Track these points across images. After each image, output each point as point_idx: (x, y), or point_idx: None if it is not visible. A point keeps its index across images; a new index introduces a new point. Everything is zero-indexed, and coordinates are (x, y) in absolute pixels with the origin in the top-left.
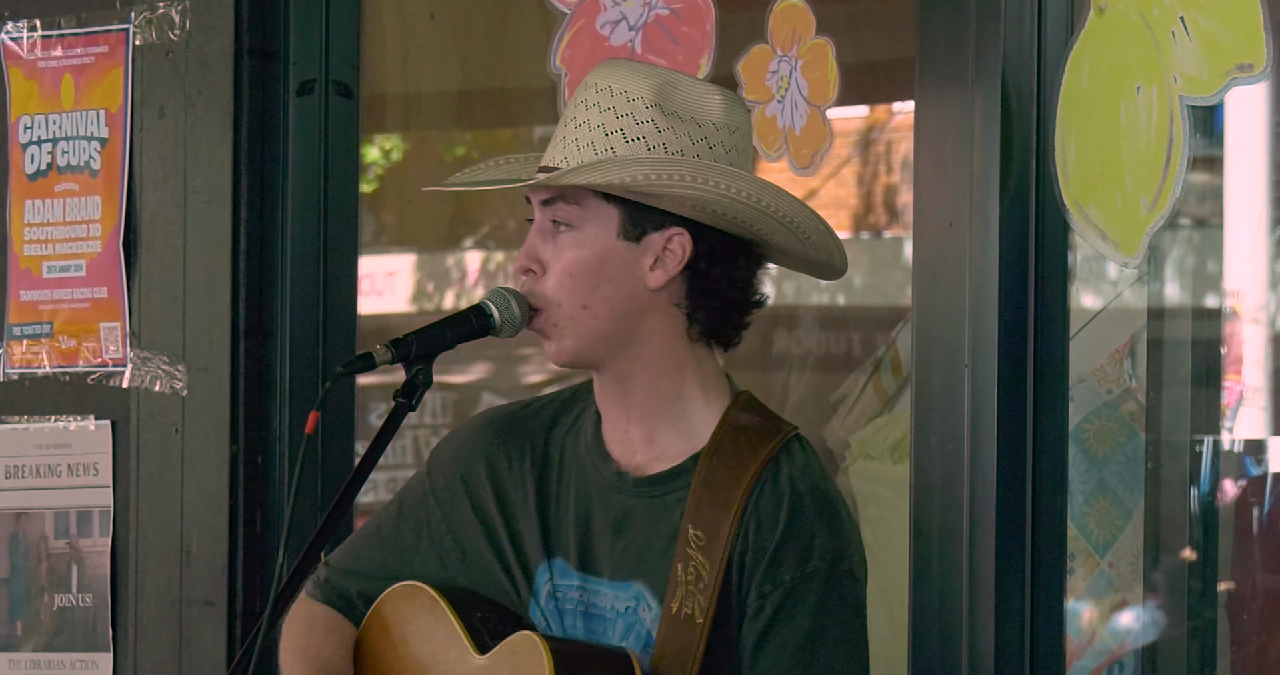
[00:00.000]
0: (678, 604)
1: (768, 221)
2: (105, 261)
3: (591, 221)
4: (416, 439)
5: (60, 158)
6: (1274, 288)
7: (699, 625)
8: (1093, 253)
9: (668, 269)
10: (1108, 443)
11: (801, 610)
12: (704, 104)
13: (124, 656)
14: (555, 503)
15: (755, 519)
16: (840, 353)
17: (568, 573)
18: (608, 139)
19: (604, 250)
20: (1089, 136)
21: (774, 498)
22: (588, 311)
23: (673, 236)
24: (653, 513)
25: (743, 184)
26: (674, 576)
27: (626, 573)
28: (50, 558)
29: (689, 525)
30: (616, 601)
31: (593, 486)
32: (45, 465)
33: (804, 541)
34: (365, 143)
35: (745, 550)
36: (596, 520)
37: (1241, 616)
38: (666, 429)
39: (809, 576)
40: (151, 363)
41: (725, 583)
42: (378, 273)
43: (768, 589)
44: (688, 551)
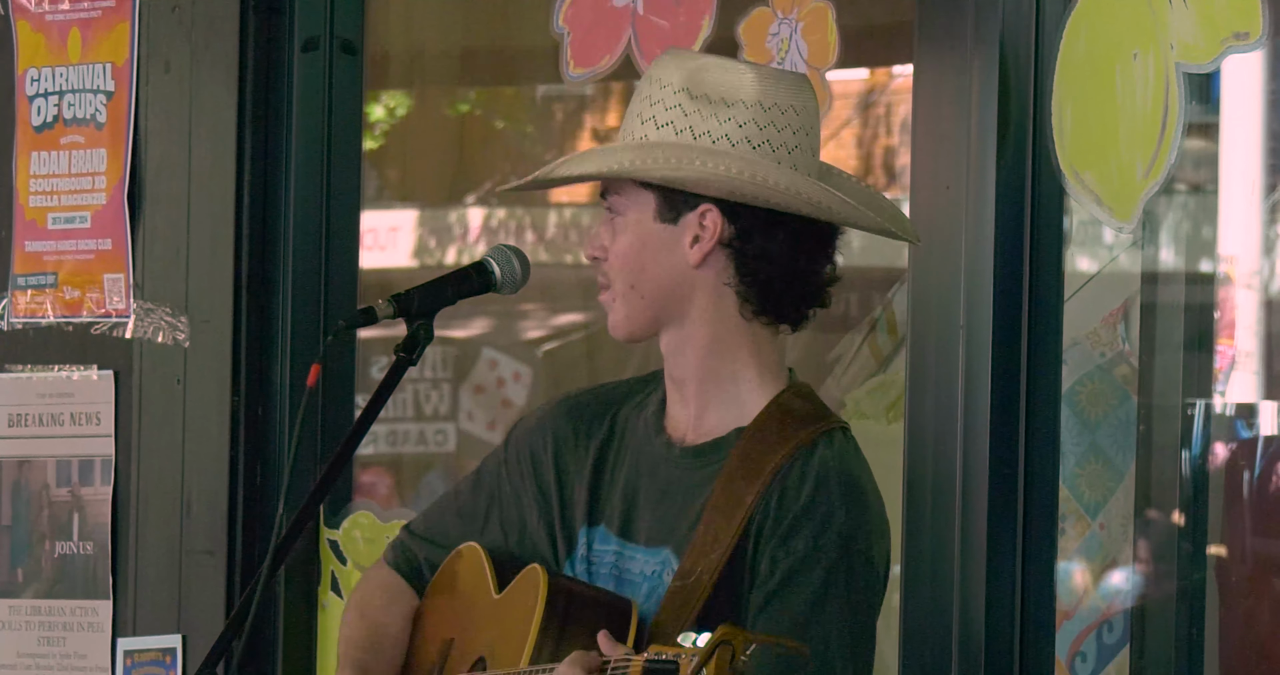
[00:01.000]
0: (691, 562)
1: (776, 197)
2: (110, 213)
3: (632, 207)
4: (417, 393)
5: (66, 110)
6: (1267, 253)
7: (704, 582)
8: (1088, 217)
9: (703, 246)
10: (1100, 405)
11: (807, 583)
12: (736, 84)
13: (124, 604)
14: (609, 473)
15: (780, 491)
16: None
17: (607, 539)
18: (642, 127)
19: (644, 234)
20: (1086, 102)
21: (802, 474)
22: (635, 291)
23: (704, 213)
24: (692, 482)
25: (735, 163)
26: (695, 539)
27: (660, 539)
28: (52, 506)
29: (718, 492)
30: (646, 566)
31: (644, 457)
32: (48, 414)
33: (823, 518)
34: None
35: (766, 518)
36: (643, 490)
37: (1230, 579)
38: (717, 406)
39: (821, 550)
40: (154, 314)
41: (739, 547)
42: (380, 228)
43: (779, 556)
44: (712, 516)
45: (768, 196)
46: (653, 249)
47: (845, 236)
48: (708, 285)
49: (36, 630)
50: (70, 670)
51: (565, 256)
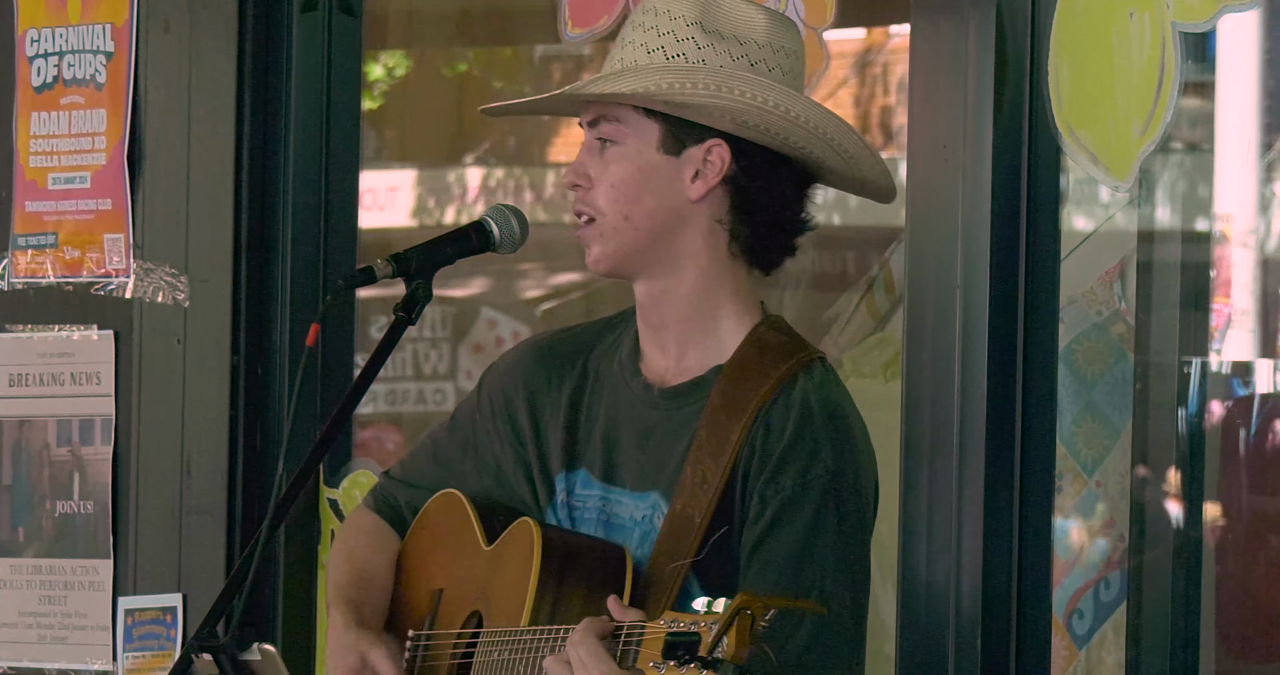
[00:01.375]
0: (681, 504)
1: (801, 133)
2: (109, 174)
3: (633, 136)
4: (415, 352)
5: (66, 71)
6: (1263, 212)
7: (696, 524)
8: (1084, 176)
9: (707, 180)
10: (1097, 364)
11: (798, 517)
12: (748, 22)
13: (124, 563)
14: (585, 416)
15: (765, 427)
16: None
17: (590, 483)
18: (650, 57)
19: (645, 163)
20: (1082, 61)
21: (785, 408)
22: (629, 222)
23: (711, 148)
24: (674, 424)
25: (770, 93)
26: (683, 480)
27: (647, 483)
28: (52, 465)
29: (703, 431)
30: (635, 511)
31: (622, 400)
32: (48, 374)
33: (809, 451)
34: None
35: (752, 457)
36: (623, 433)
37: (1226, 536)
38: (697, 346)
39: (809, 485)
40: (154, 274)
41: (728, 487)
42: (379, 188)
43: (769, 495)
44: (699, 456)
45: (789, 132)
46: (653, 180)
47: (839, 194)
48: (701, 221)
49: (37, 589)
50: (71, 629)
51: (564, 216)
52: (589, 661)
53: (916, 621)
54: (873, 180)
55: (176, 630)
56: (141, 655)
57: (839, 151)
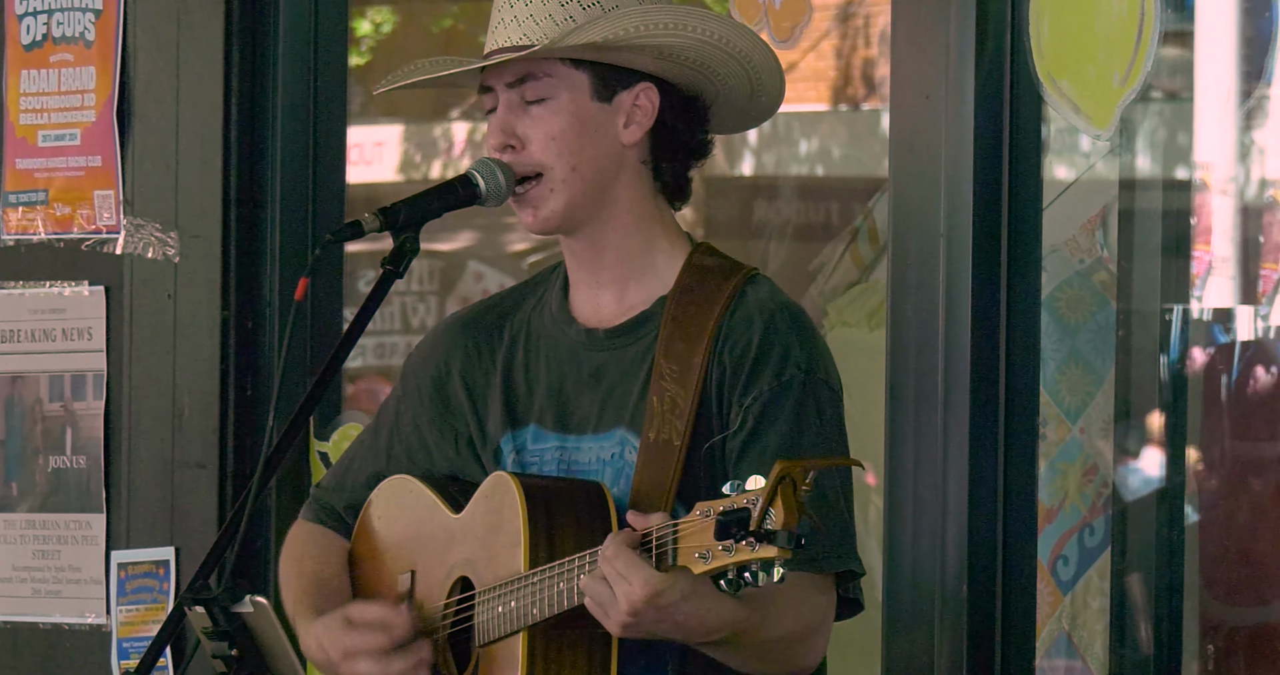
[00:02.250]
0: (655, 432)
1: (730, 64)
2: (99, 130)
3: (563, 89)
4: (404, 305)
5: (55, 28)
6: (1242, 160)
7: (676, 448)
8: (1066, 125)
9: (641, 124)
10: (1079, 311)
11: (781, 416)
12: None
13: (117, 517)
14: (523, 375)
15: (729, 342)
16: (818, 222)
17: (542, 436)
18: (565, 8)
19: (581, 113)
20: (1063, 11)
21: (744, 319)
22: (576, 173)
23: (640, 92)
24: (626, 360)
25: (714, 26)
26: (649, 409)
27: (609, 423)
28: (45, 420)
29: (661, 360)
30: (601, 452)
31: (563, 351)
32: (40, 330)
33: (779, 353)
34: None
35: (722, 372)
36: (570, 381)
37: (1209, 481)
38: (637, 283)
39: (786, 384)
40: (144, 230)
41: (702, 406)
42: (366, 143)
43: (747, 401)
44: (661, 384)
45: (717, 63)
46: (590, 129)
47: (823, 145)
48: (631, 164)
49: (31, 543)
50: (65, 583)
51: None
52: (626, 571)
53: (902, 569)
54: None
55: (169, 583)
56: (135, 608)
57: (753, 79)
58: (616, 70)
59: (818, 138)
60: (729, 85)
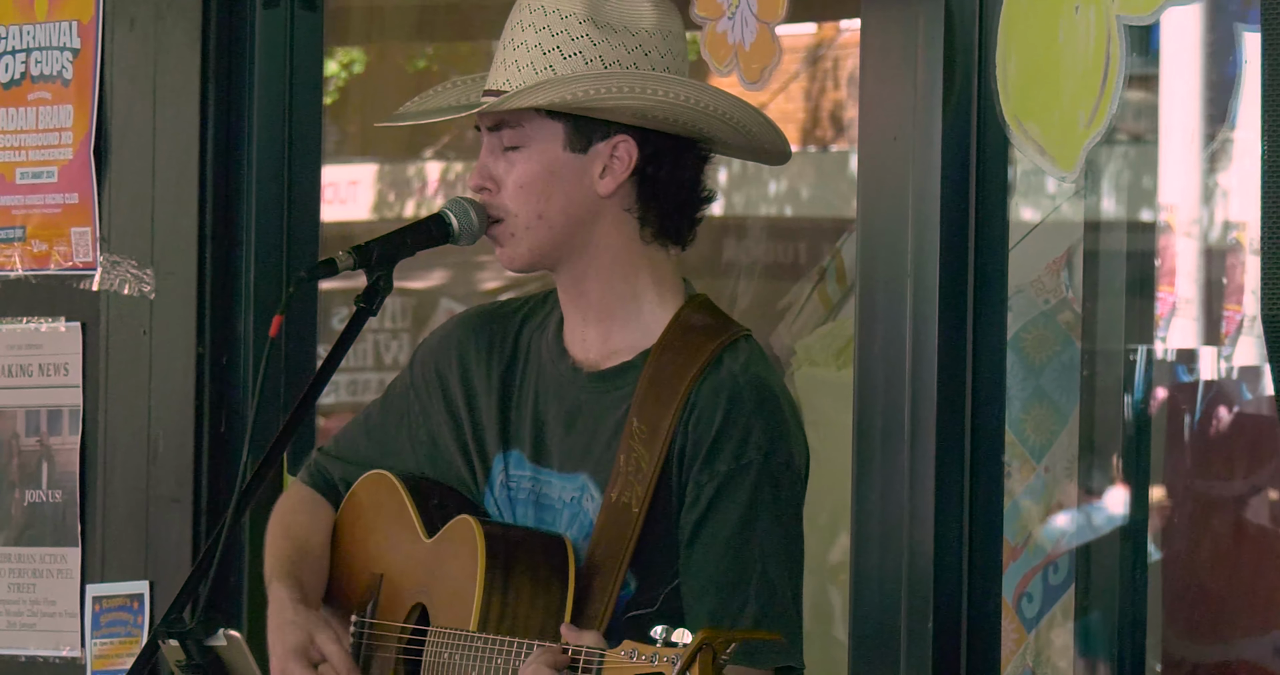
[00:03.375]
0: (617, 493)
1: (709, 121)
2: (76, 168)
3: (538, 139)
4: (377, 343)
5: (34, 67)
6: (1206, 202)
7: (634, 514)
8: (1032, 167)
9: (616, 175)
10: (1045, 351)
11: (735, 501)
12: (636, 12)
13: (92, 551)
14: (516, 396)
15: (695, 412)
16: (787, 262)
17: (522, 464)
18: (546, 57)
19: (553, 162)
20: (1029, 54)
21: (714, 391)
22: (542, 221)
23: (618, 144)
24: (602, 407)
25: (680, 88)
26: (616, 467)
27: (574, 464)
28: (21, 455)
29: (634, 418)
30: (564, 492)
31: (550, 381)
32: (17, 365)
33: (741, 433)
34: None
35: (685, 443)
36: (551, 414)
37: (1172, 519)
38: (621, 328)
39: (744, 468)
40: (121, 266)
41: (664, 474)
42: (340, 182)
43: (704, 479)
44: (630, 443)
45: (695, 120)
46: (561, 178)
47: (792, 185)
48: (611, 212)
49: (6, 577)
50: (40, 616)
51: None
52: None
53: (869, 606)
54: (770, 150)
55: (144, 616)
56: (109, 641)
57: (741, 131)
58: (594, 120)
59: (786, 178)
60: (719, 135)
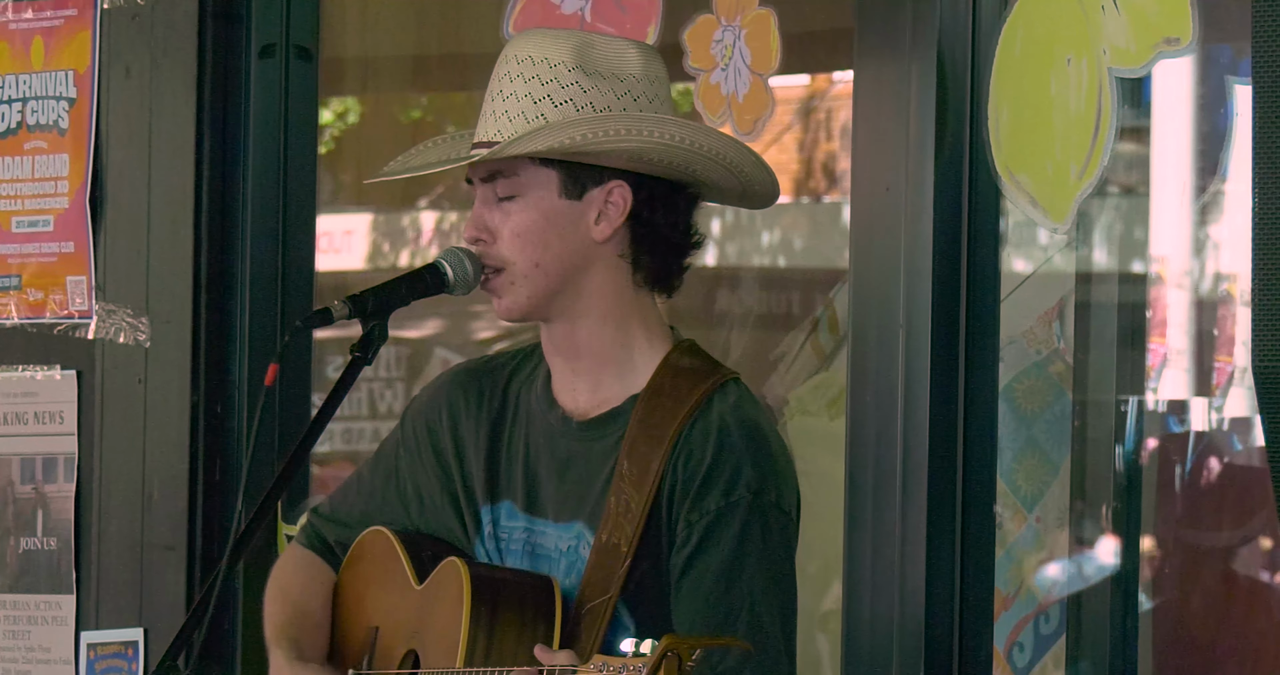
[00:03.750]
0: (607, 534)
1: (703, 161)
2: (72, 217)
3: (532, 188)
4: (371, 392)
5: (30, 116)
6: (1197, 254)
7: (623, 552)
8: (1023, 218)
9: (611, 221)
10: (1036, 401)
11: (724, 538)
12: (622, 59)
13: (87, 598)
14: (506, 449)
15: (685, 452)
16: (780, 312)
17: (514, 515)
18: (537, 106)
19: (549, 210)
20: (1021, 106)
21: (704, 431)
22: (539, 269)
23: (613, 189)
24: (594, 454)
25: (675, 129)
26: (606, 510)
27: (570, 513)
28: (17, 502)
29: (624, 461)
30: (560, 541)
31: (540, 432)
32: (13, 413)
33: (730, 472)
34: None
35: (675, 483)
36: (543, 465)
37: (1163, 569)
38: (611, 377)
39: (733, 506)
40: (116, 315)
41: (653, 514)
42: (335, 231)
43: (694, 518)
44: (621, 486)
45: (690, 161)
46: (557, 225)
47: (785, 236)
48: (605, 259)
49: (1, 624)
50: (34, 663)
51: None
52: None
53: (861, 654)
54: (760, 192)
55: (138, 664)
56: None
57: (735, 172)
58: (587, 167)
59: (780, 229)
60: (710, 178)
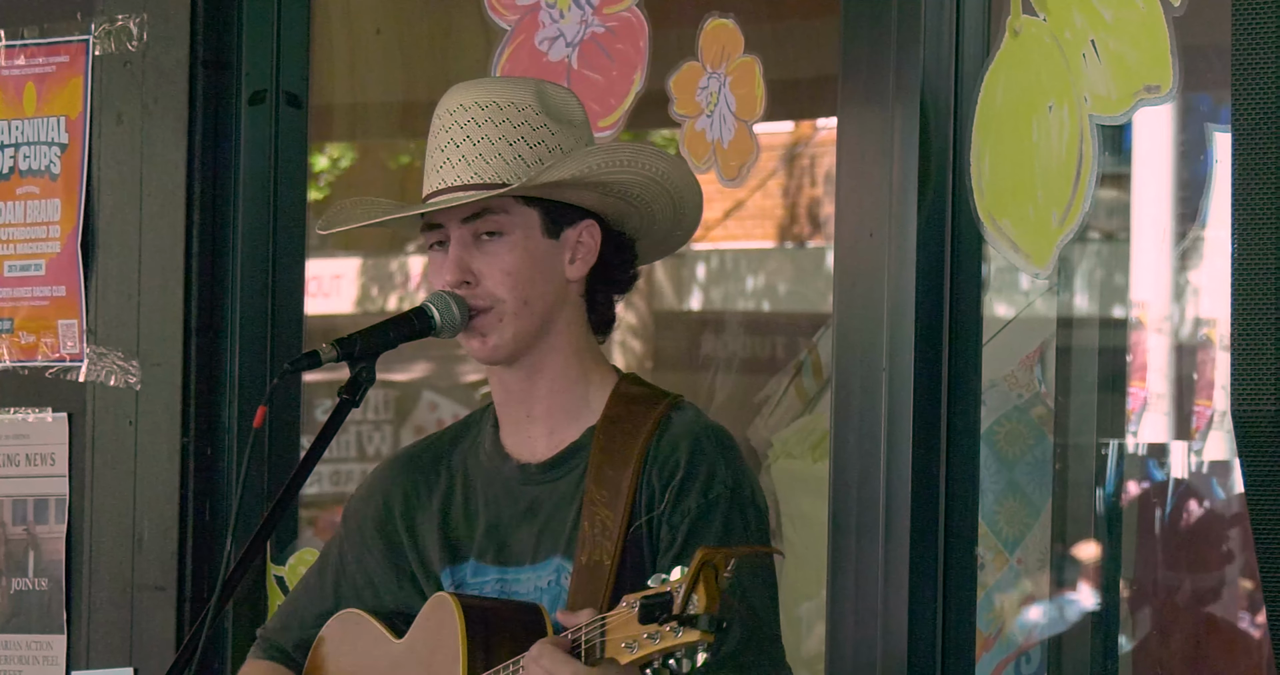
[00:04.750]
0: (586, 555)
1: (664, 200)
2: (64, 261)
3: (518, 225)
4: (359, 434)
5: (22, 162)
6: (1177, 299)
7: (606, 567)
8: (1005, 263)
9: (586, 260)
10: (1018, 445)
11: (709, 533)
12: (569, 106)
13: (77, 638)
14: (462, 513)
15: (656, 465)
16: (764, 356)
17: (482, 570)
18: (512, 147)
19: (533, 248)
20: (1003, 153)
21: (671, 443)
22: (528, 306)
23: (584, 230)
24: (559, 490)
25: (659, 163)
26: (582, 534)
27: (546, 551)
28: (8, 543)
29: (592, 486)
30: (538, 581)
31: (498, 487)
32: (4, 455)
33: (706, 473)
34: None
35: (651, 494)
36: (506, 516)
37: (1143, 611)
38: (568, 415)
39: (713, 503)
40: (107, 358)
41: (631, 527)
42: (324, 275)
43: (676, 520)
44: (593, 510)
45: (655, 201)
46: (541, 264)
47: (769, 281)
48: (572, 298)
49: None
50: None
51: None
52: (553, 668)
53: None
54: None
55: None
56: None
57: (678, 211)
58: (562, 207)
59: (764, 274)
60: (657, 219)
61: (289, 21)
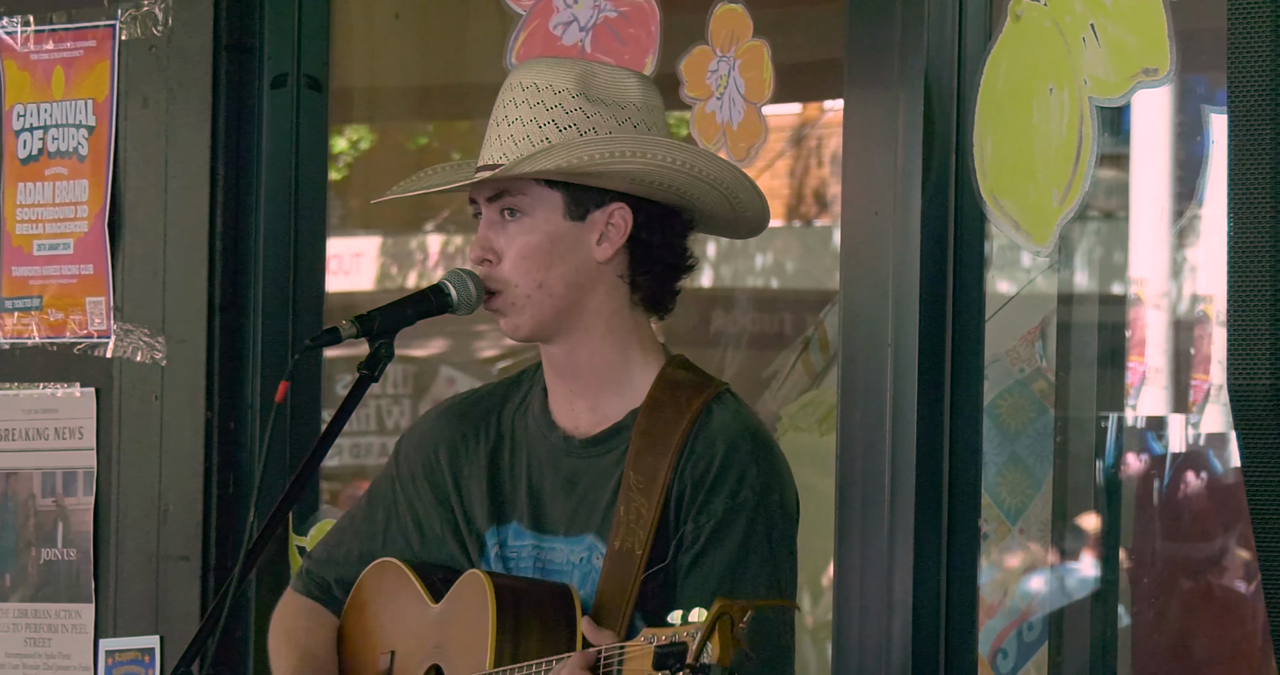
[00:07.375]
0: (620, 541)
1: (700, 186)
2: (91, 240)
3: (538, 207)
4: (379, 408)
5: (51, 144)
6: (1175, 276)
7: (638, 556)
8: (1007, 242)
9: (613, 242)
10: (1019, 418)
11: (730, 537)
12: (622, 87)
13: (104, 607)
14: (508, 473)
15: (691, 459)
16: (772, 332)
17: (521, 534)
18: (542, 130)
19: (553, 232)
20: (1005, 134)
21: (708, 439)
22: (543, 290)
23: (614, 211)
24: (598, 469)
25: (677, 153)
26: (616, 518)
27: (579, 528)
28: (37, 515)
29: (630, 472)
30: (571, 555)
31: (543, 454)
32: (34, 429)
33: (736, 475)
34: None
35: (683, 488)
36: (547, 484)
37: (1142, 580)
38: (610, 395)
39: (739, 506)
40: (133, 335)
41: (663, 519)
42: (345, 254)
43: (702, 519)
44: (630, 495)
45: (688, 186)
46: (561, 246)
47: (777, 259)
48: (607, 279)
49: (23, 632)
50: (55, 670)
51: None
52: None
53: (850, 663)
54: (750, 219)
55: (154, 670)
56: None
57: (729, 197)
58: (590, 189)
59: (773, 252)
60: (705, 204)
61: (310, 7)
